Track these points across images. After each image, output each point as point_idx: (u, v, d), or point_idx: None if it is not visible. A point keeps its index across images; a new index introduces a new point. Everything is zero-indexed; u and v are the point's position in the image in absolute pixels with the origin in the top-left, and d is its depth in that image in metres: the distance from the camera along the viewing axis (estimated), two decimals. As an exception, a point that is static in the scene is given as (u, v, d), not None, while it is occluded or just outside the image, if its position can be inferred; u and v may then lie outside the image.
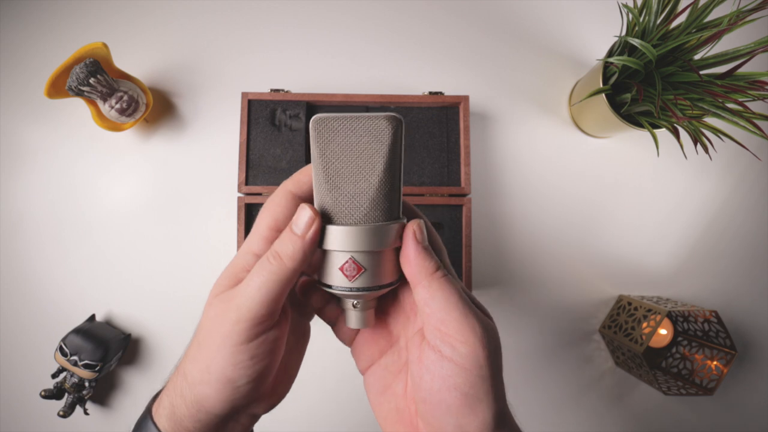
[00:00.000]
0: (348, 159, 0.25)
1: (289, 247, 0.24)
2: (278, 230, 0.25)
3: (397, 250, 0.26)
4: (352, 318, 0.27)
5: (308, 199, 0.26)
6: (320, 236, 0.25)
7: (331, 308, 0.30)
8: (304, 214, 0.24)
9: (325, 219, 0.25)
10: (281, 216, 0.26)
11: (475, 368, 0.23)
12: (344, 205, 0.25)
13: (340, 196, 0.25)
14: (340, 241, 0.25)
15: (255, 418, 0.28)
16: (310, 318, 0.32)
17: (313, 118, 0.25)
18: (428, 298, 0.24)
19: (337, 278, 0.25)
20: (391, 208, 0.25)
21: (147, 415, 0.27)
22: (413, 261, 0.25)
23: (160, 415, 0.27)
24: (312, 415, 0.63)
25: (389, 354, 0.29)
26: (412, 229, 0.25)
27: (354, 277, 0.25)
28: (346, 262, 0.25)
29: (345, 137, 0.25)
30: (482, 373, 0.23)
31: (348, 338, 0.31)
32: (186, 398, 0.26)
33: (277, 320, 0.25)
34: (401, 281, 0.27)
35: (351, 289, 0.25)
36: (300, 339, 0.30)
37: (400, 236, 0.26)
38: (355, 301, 0.27)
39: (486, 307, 0.27)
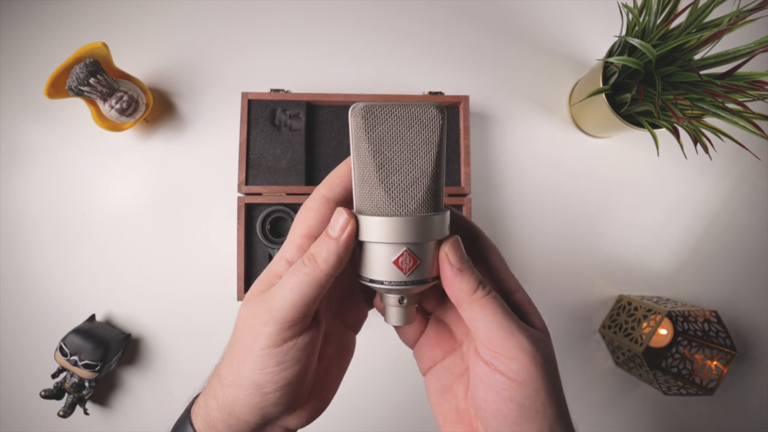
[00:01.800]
0: (399, 148, 0.24)
1: (324, 250, 0.24)
2: (312, 237, 0.25)
3: (439, 243, 0.26)
4: (397, 315, 0.27)
5: (342, 202, 0.26)
6: (370, 229, 0.24)
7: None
8: (340, 218, 0.24)
9: (374, 212, 0.25)
10: (314, 222, 0.25)
11: (529, 382, 0.23)
12: (398, 195, 0.24)
13: (393, 186, 0.24)
14: (395, 232, 0.24)
15: (288, 431, 0.27)
16: (357, 330, 0.31)
17: (355, 107, 0.24)
18: (472, 319, 0.24)
19: (389, 272, 0.24)
20: (440, 198, 0.25)
21: (186, 414, 0.27)
22: (451, 285, 0.25)
23: (196, 414, 0.27)
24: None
25: (452, 357, 0.29)
26: (445, 253, 0.25)
27: (410, 269, 0.24)
28: (402, 254, 0.24)
29: (394, 126, 0.24)
30: (537, 386, 0.23)
31: (411, 340, 0.30)
32: (218, 400, 0.25)
33: (308, 327, 0.25)
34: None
35: (405, 283, 0.25)
36: (342, 352, 0.30)
37: (447, 228, 0.25)
38: (402, 297, 0.26)
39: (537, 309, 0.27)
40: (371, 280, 0.25)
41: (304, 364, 0.24)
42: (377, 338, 0.60)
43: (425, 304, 0.30)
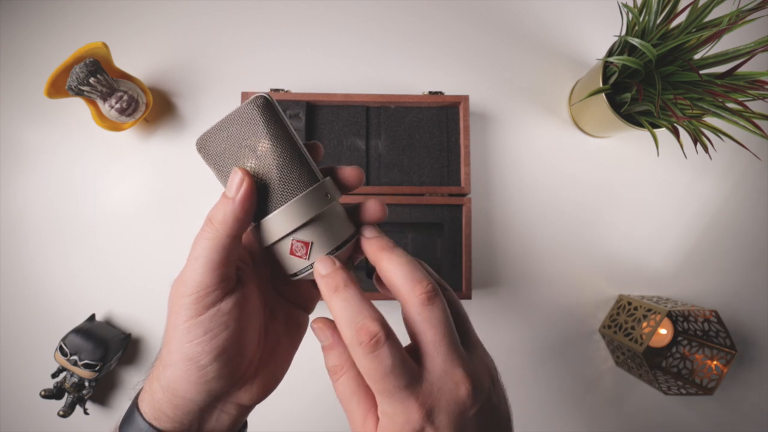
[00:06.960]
0: (241, 153, 0.24)
1: (220, 212, 0.24)
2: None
3: (340, 204, 0.26)
4: None
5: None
6: (259, 235, 0.25)
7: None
8: (236, 177, 0.24)
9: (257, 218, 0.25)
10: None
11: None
12: (262, 194, 0.24)
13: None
14: (275, 229, 0.24)
15: (243, 408, 0.27)
16: (308, 309, 0.31)
17: (195, 143, 0.26)
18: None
19: (296, 264, 0.25)
20: (302, 175, 0.25)
21: (134, 401, 0.27)
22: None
23: (143, 400, 0.26)
24: (306, 415, 0.63)
25: None
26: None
27: (306, 254, 0.25)
28: (292, 245, 0.25)
29: (227, 140, 0.25)
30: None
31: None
32: (161, 381, 0.25)
33: (231, 290, 0.25)
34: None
35: (312, 266, 0.25)
36: (292, 328, 0.30)
37: (329, 192, 0.26)
38: None
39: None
40: (293, 275, 0.26)
41: (234, 329, 0.24)
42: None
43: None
